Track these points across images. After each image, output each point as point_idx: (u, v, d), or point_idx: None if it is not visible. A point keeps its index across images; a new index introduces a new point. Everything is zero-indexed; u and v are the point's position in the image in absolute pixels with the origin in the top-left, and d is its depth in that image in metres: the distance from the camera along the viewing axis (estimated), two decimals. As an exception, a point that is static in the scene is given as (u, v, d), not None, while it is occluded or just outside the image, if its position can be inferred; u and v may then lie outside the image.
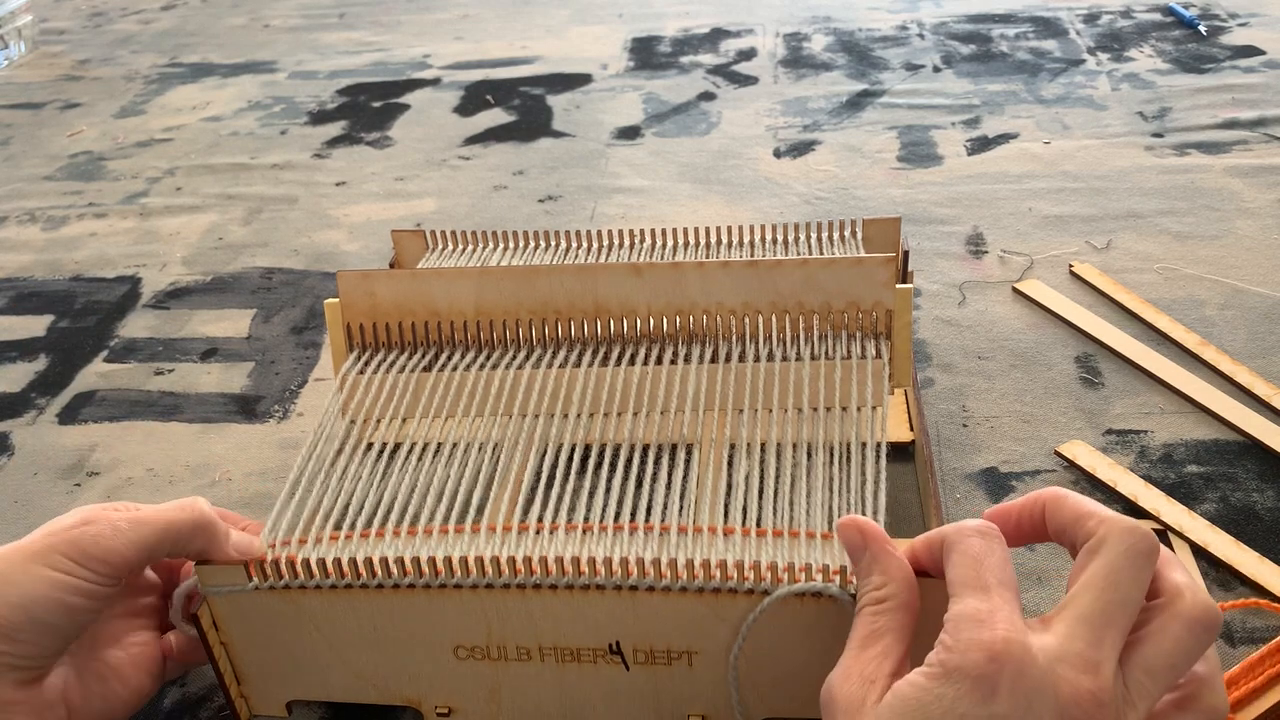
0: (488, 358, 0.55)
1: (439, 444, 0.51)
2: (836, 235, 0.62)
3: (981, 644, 0.30)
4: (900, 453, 0.59)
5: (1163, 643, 0.32)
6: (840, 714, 0.33)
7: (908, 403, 0.62)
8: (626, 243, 0.64)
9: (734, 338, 0.54)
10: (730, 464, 0.49)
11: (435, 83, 1.23)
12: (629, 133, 1.06)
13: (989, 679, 0.30)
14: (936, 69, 1.15)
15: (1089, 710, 0.30)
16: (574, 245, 0.64)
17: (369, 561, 0.43)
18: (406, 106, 1.17)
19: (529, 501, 0.48)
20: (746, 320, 0.54)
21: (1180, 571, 0.34)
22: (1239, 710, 0.44)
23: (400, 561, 0.42)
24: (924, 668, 0.32)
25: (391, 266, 0.64)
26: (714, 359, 0.54)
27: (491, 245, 0.65)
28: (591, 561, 0.42)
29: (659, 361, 0.54)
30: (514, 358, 0.55)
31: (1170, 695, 0.33)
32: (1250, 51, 1.12)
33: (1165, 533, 0.54)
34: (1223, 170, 0.89)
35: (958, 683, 0.30)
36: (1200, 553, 0.52)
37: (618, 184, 0.96)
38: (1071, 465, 0.59)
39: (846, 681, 0.33)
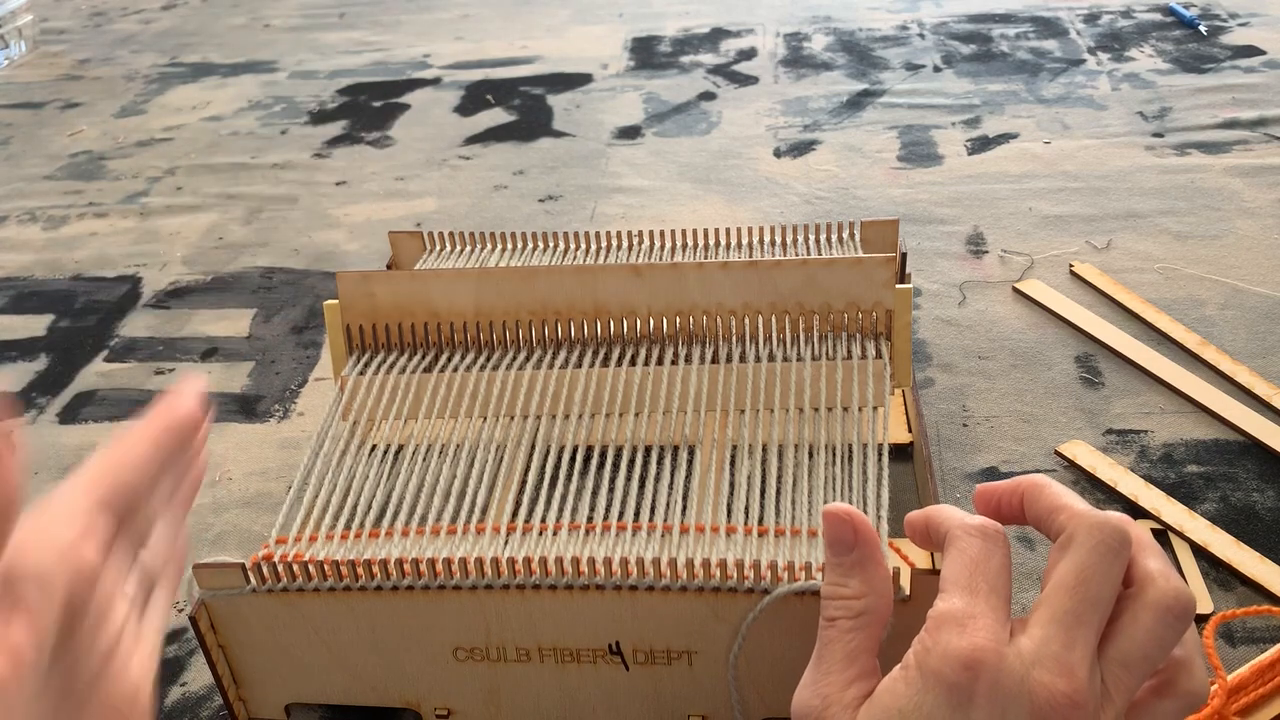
0: (488, 359, 0.55)
1: (440, 445, 0.51)
2: (835, 237, 0.62)
3: (958, 651, 0.31)
4: (900, 453, 0.59)
5: (1135, 634, 0.32)
6: None
7: (905, 404, 0.62)
8: (626, 244, 0.64)
9: (734, 338, 0.54)
10: (732, 465, 0.49)
11: (435, 82, 1.23)
12: (629, 132, 1.06)
13: (964, 687, 0.30)
14: (937, 69, 1.15)
15: (1065, 713, 0.30)
16: (573, 246, 0.64)
17: (367, 564, 0.43)
18: (407, 106, 1.17)
19: (531, 502, 0.48)
20: (746, 321, 0.54)
21: (1154, 557, 0.33)
22: (1249, 715, 0.44)
23: (399, 563, 0.42)
24: (900, 670, 0.32)
25: (389, 268, 0.64)
26: (714, 360, 0.54)
27: (489, 246, 0.65)
28: (590, 561, 0.42)
29: (659, 362, 0.54)
30: (514, 359, 0.55)
31: (1148, 681, 0.33)
32: (1250, 51, 1.12)
33: (1164, 532, 0.54)
34: (1223, 170, 0.89)
35: (934, 689, 0.30)
36: (1200, 553, 0.52)
37: (618, 184, 0.95)
38: (1072, 465, 0.59)
39: (827, 709, 0.33)
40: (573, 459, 0.50)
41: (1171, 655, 0.33)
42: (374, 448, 0.52)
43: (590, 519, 0.46)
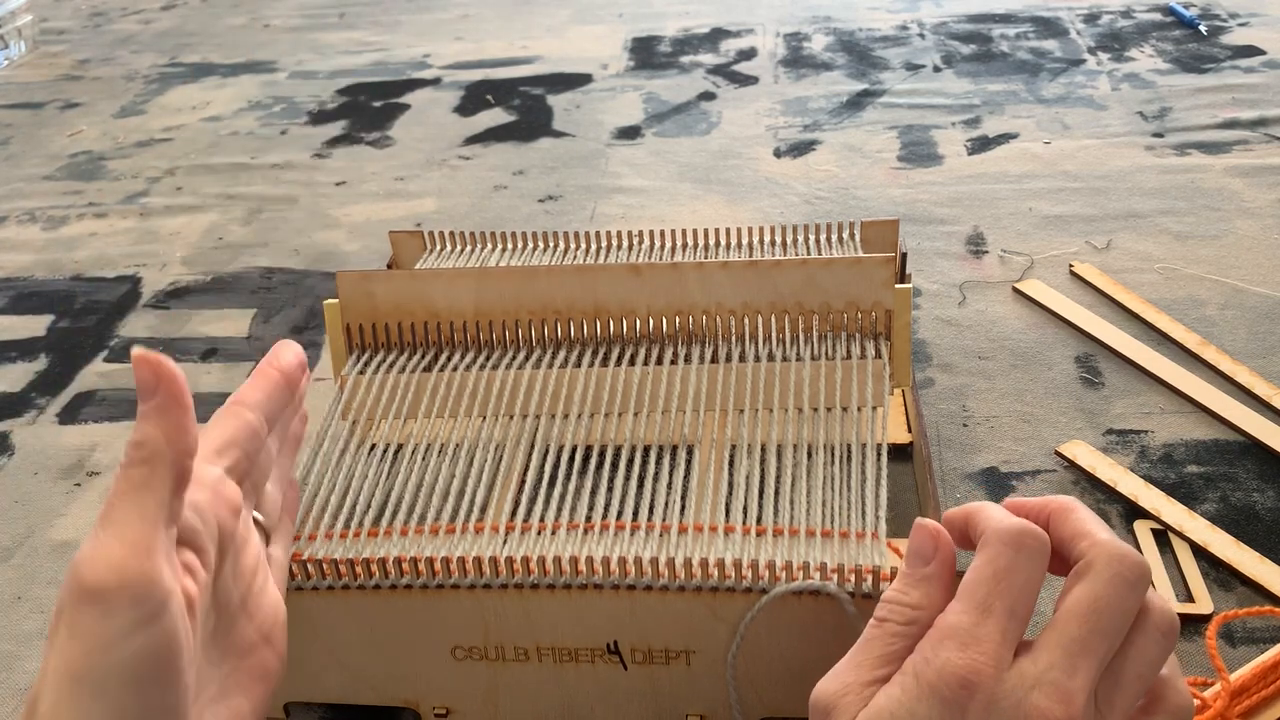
0: (488, 358, 0.55)
1: (439, 445, 0.51)
2: (835, 237, 0.62)
3: (955, 668, 0.31)
4: (899, 453, 0.59)
5: (1128, 656, 0.32)
6: None
7: (905, 404, 0.61)
8: (626, 244, 0.64)
9: (734, 338, 0.54)
10: (731, 464, 0.49)
11: (435, 82, 1.23)
12: (629, 133, 1.06)
13: (959, 704, 0.31)
14: (937, 69, 1.15)
15: None
16: (573, 246, 0.64)
17: (366, 563, 0.43)
18: (407, 106, 1.17)
19: (530, 502, 0.48)
20: (746, 320, 0.54)
21: None
22: (1251, 718, 0.44)
23: (398, 562, 0.42)
24: (900, 677, 0.32)
25: (389, 268, 0.64)
26: (714, 359, 0.54)
27: (490, 246, 0.65)
28: (589, 561, 0.42)
29: (659, 362, 0.54)
30: (514, 358, 0.55)
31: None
32: (1250, 51, 1.12)
33: (1164, 532, 0.54)
34: (1223, 170, 0.89)
35: (928, 701, 0.31)
36: (1200, 553, 0.52)
37: (618, 184, 0.95)
38: (1071, 465, 0.59)
39: (844, 696, 0.33)
40: (572, 458, 0.50)
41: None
42: (373, 447, 0.52)
43: (589, 518, 0.46)
